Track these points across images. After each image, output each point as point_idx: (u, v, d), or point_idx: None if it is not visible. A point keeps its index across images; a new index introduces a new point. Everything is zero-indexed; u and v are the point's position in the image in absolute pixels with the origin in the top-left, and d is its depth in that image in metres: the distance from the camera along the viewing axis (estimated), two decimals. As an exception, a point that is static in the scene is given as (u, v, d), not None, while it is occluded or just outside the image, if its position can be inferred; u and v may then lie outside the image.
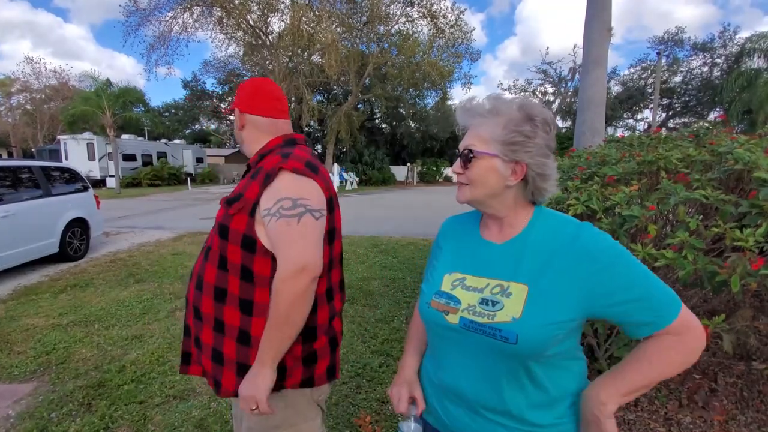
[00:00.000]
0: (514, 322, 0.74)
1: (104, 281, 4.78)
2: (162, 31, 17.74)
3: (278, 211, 0.95)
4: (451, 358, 0.85)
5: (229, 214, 1.02)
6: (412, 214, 11.49)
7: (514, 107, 0.79)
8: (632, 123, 29.77)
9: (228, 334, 1.03)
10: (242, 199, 1.00)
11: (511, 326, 0.74)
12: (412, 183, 27.59)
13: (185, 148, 27.03)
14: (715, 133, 2.62)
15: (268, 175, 1.00)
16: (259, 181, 1.01)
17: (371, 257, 5.90)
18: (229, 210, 1.02)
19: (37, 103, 28.82)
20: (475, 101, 0.85)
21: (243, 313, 1.02)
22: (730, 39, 23.31)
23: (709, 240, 1.80)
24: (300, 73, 20.04)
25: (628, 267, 0.74)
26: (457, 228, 0.96)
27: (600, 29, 5.42)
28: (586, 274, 0.73)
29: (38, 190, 5.42)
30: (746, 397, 2.25)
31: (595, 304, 0.74)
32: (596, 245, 0.75)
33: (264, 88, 1.17)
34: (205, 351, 1.08)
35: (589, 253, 0.74)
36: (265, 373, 0.96)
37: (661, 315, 0.72)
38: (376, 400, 2.37)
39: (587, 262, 0.74)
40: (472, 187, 0.82)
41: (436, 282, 0.89)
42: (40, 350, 3.01)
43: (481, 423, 0.82)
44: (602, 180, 2.22)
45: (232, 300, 1.02)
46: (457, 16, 20.22)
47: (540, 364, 0.77)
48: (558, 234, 0.79)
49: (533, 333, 0.73)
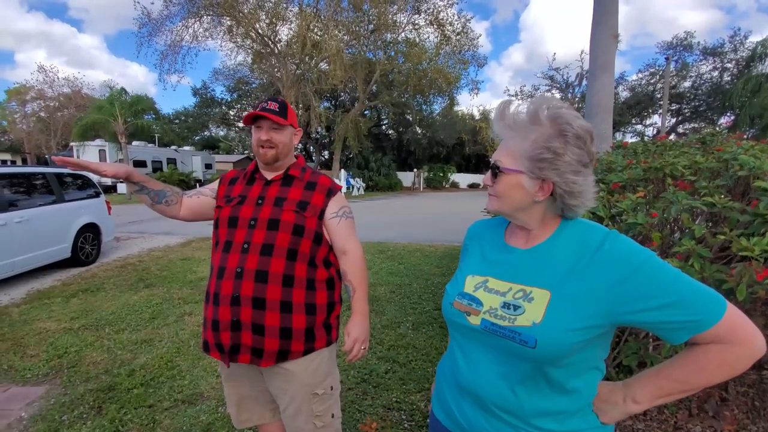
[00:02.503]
0: (534, 326, 0.74)
1: (115, 286, 4.85)
2: (173, 40, 18.09)
3: (344, 214, 1.40)
4: (471, 359, 0.86)
5: (305, 216, 1.33)
6: (419, 220, 11.48)
7: (547, 120, 0.75)
8: (641, 128, 29.51)
9: (296, 311, 1.31)
10: (312, 206, 1.36)
11: (530, 330, 0.74)
12: (418, 189, 27.60)
13: (194, 155, 27.37)
14: (722, 140, 2.60)
15: (330, 190, 1.40)
16: (322, 192, 1.39)
17: (378, 263, 5.91)
18: (304, 214, 1.34)
19: (50, 111, 29.42)
20: (511, 109, 0.80)
21: (308, 289, 1.34)
22: (741, 43, 23.08)
23: (717, 247, 1.78)
24: (308, 80, 20.25)
25: (656, 272, 0.70)
26: (483, 232, 0.97)
27: (606, 35, 5.42)
28: (610, 281, 0.72)
29: (51, 195, 5.52)
30: (758, 407, 2.20)
31: (620, 311, 0.72)
32: (621, 252, 0.73)
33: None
34: (270, 333, 1.29)
35: (614, 260, 0.73)
36: (366, 319, 1.38)
37: (699, 318, 0.68)
38: (383, 407, 2.37)
39: (612, 269, 0.72)
40: (499, 200, 0.82)
41: (460, 283, 0.90)
42: (52, 353, 3.06)
43: (497, 425, 0.82)
44: (608, 187, 2.22)
45: (299, 283, 1.32)
46: (463, 23, 20.36)
47: (560, 370, 0.76)
48: (584, 241, 0.78)
49: (553, 338, 0.72)
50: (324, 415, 1.40)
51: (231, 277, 1.27)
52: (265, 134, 1.34)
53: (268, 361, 1.30)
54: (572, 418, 0.80)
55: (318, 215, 1.35)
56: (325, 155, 31.26)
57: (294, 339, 1.31)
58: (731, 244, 1.58)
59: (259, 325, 1.27)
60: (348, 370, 2.74)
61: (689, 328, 0.69)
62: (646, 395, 0.76)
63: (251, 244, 1.29)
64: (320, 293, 1.36)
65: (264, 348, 1.29)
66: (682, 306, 0.68)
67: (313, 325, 1.34)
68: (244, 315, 1.27)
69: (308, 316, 1.33)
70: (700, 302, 0.68)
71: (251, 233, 1.30)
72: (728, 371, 0.70)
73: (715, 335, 0.68)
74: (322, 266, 1.37)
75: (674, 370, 0.74)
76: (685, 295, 0.69)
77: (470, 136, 28.87)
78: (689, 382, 0.73)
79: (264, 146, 1.35)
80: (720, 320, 0.67)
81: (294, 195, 1.36)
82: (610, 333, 0.79)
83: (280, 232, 1.30)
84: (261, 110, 1.34)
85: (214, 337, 1.31)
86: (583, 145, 0.75)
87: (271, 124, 1.35)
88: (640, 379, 0.78)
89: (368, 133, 24.71)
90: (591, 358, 0.79)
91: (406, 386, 2.60)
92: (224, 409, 2.34)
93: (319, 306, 1.36)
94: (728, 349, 0.68)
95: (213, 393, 2.51)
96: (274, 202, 1.35)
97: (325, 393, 1.39)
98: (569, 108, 0.78)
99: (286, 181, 1.39)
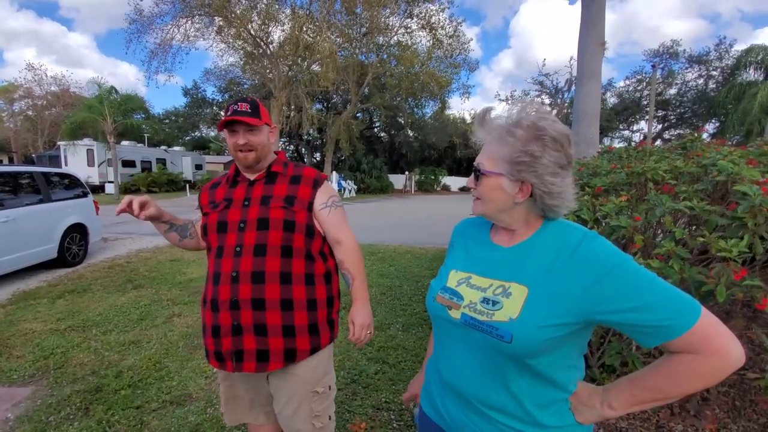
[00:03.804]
0: (510, 322, 0.76)
1: (102, 287, 4.79)
2: (163, 38, 17.93)
3: (333, 204, 1.38)
4: (453, 353, 0.88)
5: (293, 211, 1.31)
6: (410, 223, 11.52)
7: (526, 125, 0.77)
8: (628, 134, 30.03)
9: (297, 308, 1.31)
10: (299, 200, 1.34)
11: (507, 326, 0.76)
12: (410, 191, 27.68)
13: (184, 155, 27.10)
14: (702, 145, 2.68)
15: (316, 181, 1.38)
16: (308, 184, 1.37)
17: (368, 265, 5.92)
18: (293, 208, 1.32)
19: (38, 110, 28.89)
20: (491, 114, 0.83)
21: (308, 285, 1.33)
22: (726, 51, 23.63)
23: (697, 250, 1.84)
24: (300, 82, 20.21)
25: (630, 275, 0.71)
26: (469, 230, 1.00)
27: (594, 43, 5.53)
28: (585, 281, 0.73)
29: (38, 195, 5.44)
30: (738, 406, 2.25)
31: (594, 311, 0.73)
32: (598, 253, 0.75)
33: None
34: (273, 332, 1.28)
35: (590, 261, 0.75)
36: (368, 305, 1.39)
37: (670, 324, 0.67)
38: (372, 407, 2.39)
39: (587, 269, 0.74)
40: (483, 203, 0.85)
41: (443, 278, 0.93)
42: (38, 354, 3.02)
43: (477, 419, 0.85)
44: (593, 190, 2.28)
45: (298, 279, 1.31)
46: (455, 27, 20.51)
47: (537, 365, 0.78)
48: (563, 241, 0.80)
49: (528, 333, 0.74)
50: (322, 415, 1.40)
51: (227, 282, 1.27)
52: (242, 138, 1.31)
53: (275, 363, 1.29)
54: (549, 413, 0.82)
55: (307, 208, 1.34)
56: (317, 157, 31.18)
57: (298, 336, 1.30)
58: (710, 247, 1.64)
59: (261, 326, 1.27)
60: (338, 370, 2.76)
61: (660, 334, 0.69)
62: (621, 402, 0.77)
63: (243, 247, 1.28)
64: (319, 287, 1.37)
65: (269, 349, 1.28)
66: (654, 310, 0.68)
67: (315, 321, 1.34)
68: (245, 318, 1.26)
69: (309, 311, 1.33)
70: (673, 307, 0.68)
71: (242, 236, 1.29)
72: (702, 382, 0.70)
73: (687, 343, 0.67)
74: (319, 259, 1.37)
75: (648, 378, 0.74)
76: (657, 299, 0.69)
77: (461, 139, 29.02)
78: (663, 392, 0.73)
79: (242, 150, 1.32)
80: (692, 327, 0.67)
81: (279, 191, 1.34)
82: (587, 331, 0.81)
83: (271, 231, 1.29)
84: (233, 114, 1.29)
85: (215, 344, 1.30)
86: (561, 148, 0.77)
87: (246, 126, 1.31)
88: (618, 386, 0.79)
89: (360, 135, 24.73)
90: (569, 354, 0.82)
91: (395, 387, 2.62)
92: (212, 410, 2.34)
93: (319, 301, 1.36)
94: (701, 359, 0.67)
95: (201, 394, 2.51)
96: (260, 201, 1.33)
97: (325, 392, 1.40)
98: (549, 113, 0.81)
99: (270, 178, 1.37)
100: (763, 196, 1.62)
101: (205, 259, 1.44)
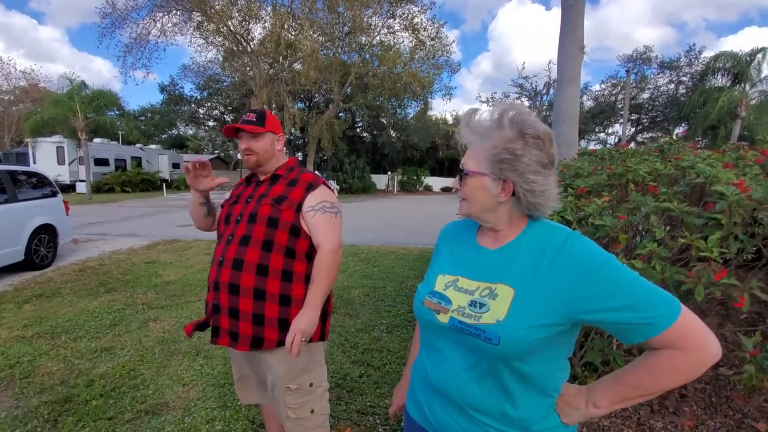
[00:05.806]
0: (497, 324, 0.76)
1: (72, 291, 4.59)
2: (139, 33, 17.39)
3: (322, 208, 1.43)
4: (440, 356, 0.87)
5: (280, 209, 1.41)
6: (393, 223, 11.52)
7: (508, 124, 0.79)
8: (604, 137, 30.96)
9: (269, 300, 1.38)
10: (288, 200, 1.43)
11: (494, 328, 0.76)
12: (392, 192, 27.74)
13: (161, 154, 26.36)
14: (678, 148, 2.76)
15: (310, 185, 1.47)
16: (302, 187, 1.46)
17: (352, 266, 5.87)
18: (279, 207, 1.41)
19: (5, 105, 27.65)
20: (476, 116, 0.84)
21: (283, 281, 1.40)
22: (696, 58, 24.62)
23: (677, 250, 1.88)
24: (281, 80, 19.96)
25: (614, 274, 0.73)
26: (455, 233, 0.99)
27: (573, 47, 5.64)
28: (570, 280, 0.74)
29: (3, 195, 5.19)
30: (715, 402, 2.32)
31: (578, 310, 0.74)
32: (583, 253, 0.76)
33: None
34: (243, 318, 1.37)
35: (574, 261, 0.75)
36: (314, 313, 1.34)
37: (651, 321, 0.70)
38: (357, 411, 2.35)
39: (572, 268, 0.75)
40: (468, 203, 0.86)
41: (431, 282, 0.92)
42: (2, 364, 2.86)
43: (464, 422, 0.84)
44: (575, 191, 2.30)
45: (274, 273, 1.39)
46: (437, 29, 20.65)
47: (525, 367, 0.78)
48: (548, 241, 0.81)
49: (515, 335, 0.75)
50: (299, 408, 1.45)
51: (215, 265, 1.44)
52: (245, 143, 1.50)
53: (243, 345, 1.40)
54: (536, 415, 0.82)
55: (295, 208, 1.43)
56: (299, 157, 30.89)
57: (267, 326, 1.38)
58: (690, 247, 1.67)
59: (234, 309, 1.38)
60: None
61: (643, 331, 0.71)
62: (606, 400, 0.78)
63: (234, 236, 1.43)
64: (297, 286, 1.42)
65: (239, 332, 1.39)
66: (636, 308, 0.70)
67: (287, 317, 1.39)
68: (222, 299, 1.39)
69: (282, 306, 1.39)
70: (653, 305, 0.70)
71: (236, 227, 1.45)
72: (682, 377, 0.72)
73: (667, 339, 0.70)
74: (303, 259, 1.44)
75: (630, 375, 0.76)
76: (639, 297, 0.71)
77: (443, 140, 29.31)
78: (645, 388, 0.74)
79: (246, 154, 1.51)
80: (672, 324, 0.69)
81: (276, 191, 1.47)
82: (574, 332, 0.82)
83: (257, 225, 1.41)
84: (240, 123, 1.50)
85: (213, 320, 1.45)
86: (542, 146, 0.78)
87: (249, 134, 1.49)
88: (602, 384, 0.80)
89: (343, 135, 24.61)
90: (556, 356, 0.82)
91: (380, 390, 2.59)
92: (190, 419, 2.26)
93: (294, 299, 1.41)
94: (681, 355, 0.70)
95: (179, 402, 2.42)
96: (257, 199, 1.47)
97: (300, 389, 1.44)
98: (530, 113, 0.81)
99: (273, 180, 1.52)
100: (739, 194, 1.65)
101: (182, 261, 1.46)
